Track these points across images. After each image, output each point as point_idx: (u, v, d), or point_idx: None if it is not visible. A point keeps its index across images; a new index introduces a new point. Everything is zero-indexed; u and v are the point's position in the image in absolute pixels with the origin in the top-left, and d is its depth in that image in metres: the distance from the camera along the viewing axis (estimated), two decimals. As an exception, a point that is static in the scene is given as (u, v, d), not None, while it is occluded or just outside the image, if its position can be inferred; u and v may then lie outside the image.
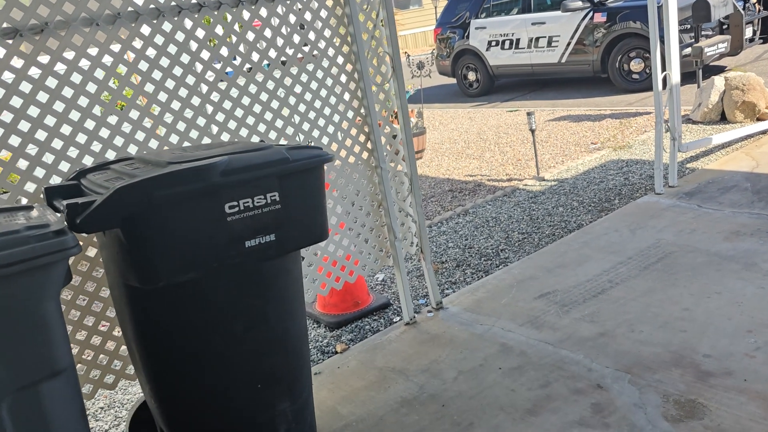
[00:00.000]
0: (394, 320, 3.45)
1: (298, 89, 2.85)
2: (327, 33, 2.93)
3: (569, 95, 9.74)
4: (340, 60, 2.98)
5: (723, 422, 2.19)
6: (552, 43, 9.81)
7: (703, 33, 8.00)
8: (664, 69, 4.47)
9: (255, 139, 2.74)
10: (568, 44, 9.59)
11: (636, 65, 8.91)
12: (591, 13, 9.18)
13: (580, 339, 2.89)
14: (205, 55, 2.58)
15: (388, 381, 2.81)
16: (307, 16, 2.86)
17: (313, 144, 2.91)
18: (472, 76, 11.34)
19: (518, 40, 10.26)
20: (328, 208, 3.01)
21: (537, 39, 10.01)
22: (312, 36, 2.90)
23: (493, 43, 10.68)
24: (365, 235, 3.19)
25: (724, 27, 8.24)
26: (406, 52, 9.26)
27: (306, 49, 2.89)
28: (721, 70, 9.24)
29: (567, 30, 9.54)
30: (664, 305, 3.05)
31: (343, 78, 3.00)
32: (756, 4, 8.85)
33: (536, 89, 10.79)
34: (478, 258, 4.08)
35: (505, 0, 10.59)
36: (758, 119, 6.02)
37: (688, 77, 8.42)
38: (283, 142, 2.83)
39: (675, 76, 4.46)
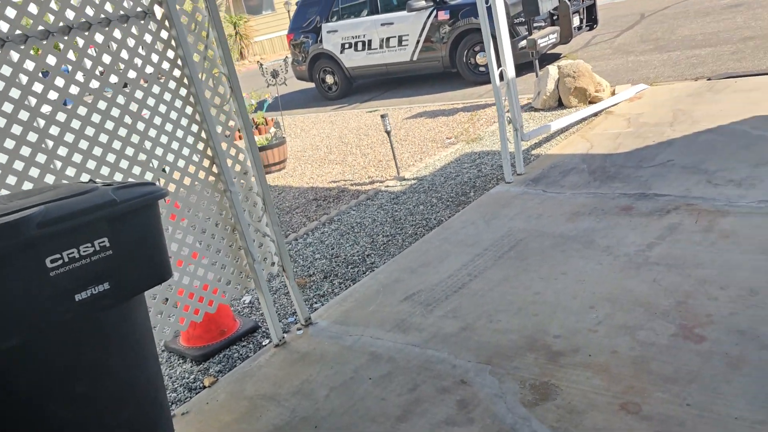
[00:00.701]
0: (264, 343, 3.37)
1: (128, 120, 2.69)
2: (154, 58, 2.79)
3: (425, 91, 10.06)
4: (172, 85, 2.85)
5: (573, 399, 2.36)
6: (402, 42, 10.08)
7: (535, 25, 8.56)
8: (500, 65, 4.73)
9: (91, 176, 2.55)
10: (418, 42, 9.89)
11: (481, 59, 9.37)
12: (435, 12, 9.53)
13: (444, 336, 2.98)
14: (38, 87, 2.38)
15: (259, 410, 2.74)
16: (130, 42, 2.71)
17: (155, 173, 2.76)
18: (329, 79, 11.39)
19: (370, 41, 10.44)
20: (178, 239, 2.88)
21: (388, 39, 10.23)
22: (138, 62, 2.74)
23: (347, 46, 10.78)
24: (222, 262, 3.09)
25: (554, 18, 8.87)
26: (259, 61, 9.10)
27: (133, 75, 2.73)
28: (556, 57, 9.96)
29: (415, 29, 9.84)
30: (518, 291, 3.22)
31: (178, 103, 2.87)
32: (580, -5, 9.60)
33: (393, 87, 11.04)
34: (345, 266, 4.10)
35: (353, 3, 10.72)
36: (590, 102, 6.55)
37: (528, 67, 9.01)
38: (119, 176, 2.66)
39: (510, 71, 4.73)
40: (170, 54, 2.83)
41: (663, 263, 3.14)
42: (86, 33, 2.54)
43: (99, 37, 2.59)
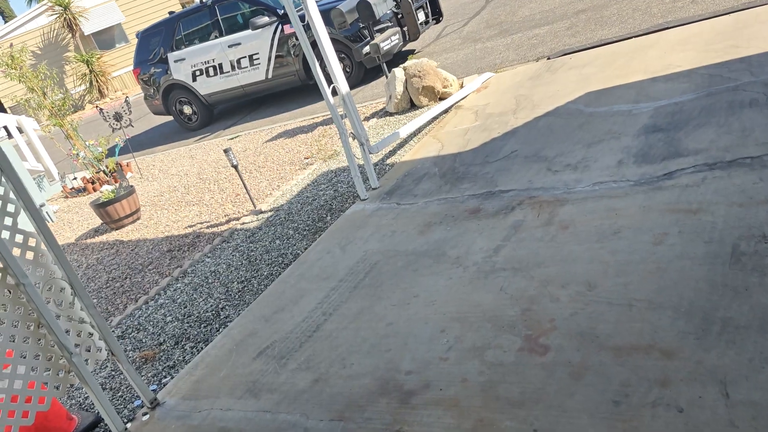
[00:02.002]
0: (106, 440, 3.01)
1: None
2: None
3: (287, 107, 9.80)
4: None
5: (422, 447, 2.20)
6: (254, 61, 9.75)
7: (381, 27, 8.51)
8: (330, 81, 4.55)
9: None
10: (269, 59, 9.60)
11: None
12: (280, 26, 9.27)
13: (296, 394, 2.75)
14: None
15: None
16: None
17: None
18: (187, 109, 10.86)
19: (221, 64, 10.02)
20: (-36, 354, 2.46)
21: (239, 60, 9.87)
22: None
23: (198, 73, 10.31)
24: (32, 365, 2.69)
25: (400, 17, 8.86)
26: (98, 107, 8.48)
27: None
28: (411, 53, 10.00)
29: (264, 46, 9.54)
30: (372, 325, 3.05)
31: (-67, 198, 2.45)
32: (420, -10, 9.65)
33: (255, 108, 10.69)
34: (198, 326, 3.77)
35: (195, 28, 10.25)
36: (440, 99, 6.54)
37: (379, 71, 8.95)
38: None
39: (342, 85, 4.56)
40: None
41: (509, 267, 3.07)
42: None
43: None
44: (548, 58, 6.76)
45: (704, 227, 2.76)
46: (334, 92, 4.54)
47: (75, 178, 8.97)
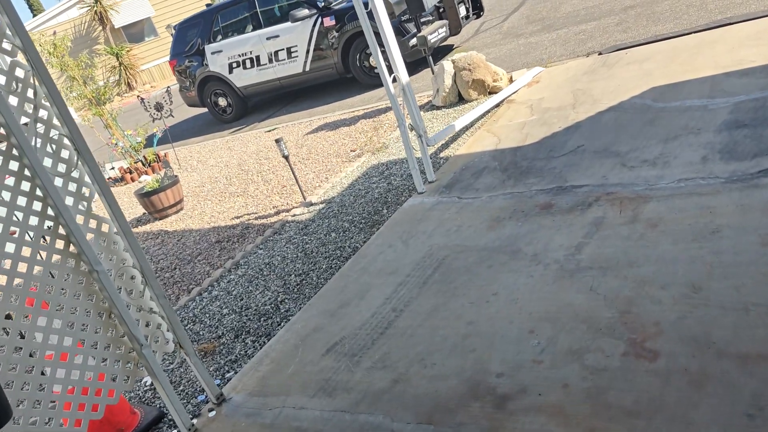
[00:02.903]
0: (172, 435, 2.89)
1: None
2: (-32, 129, 2.26)
3: (324, 100, 9.68)
4: (-3, 159, 2.32)
5: (530, 456, 2.04)
6: (292, 54, 9.64)
7: (423, 20, 8.35)
8: (392, 71, 4.41)
9: None
10: (308, 52, 9.48)
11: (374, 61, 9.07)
12: (320, 19, 9.15)
13: (375, 394, 2.61)
14: None
15: None
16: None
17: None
18: (222, 101, 10.79)
19: (258, 57, 9.93)
20: (37, 341, 2.36)
21: (276, 53, 9.77)
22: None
23: (235, 65, 10.23)
24: (102, 356, 2.58)
25: (441, 11, 8.69)
26: (139, 96, 8.42)
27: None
28: (450, 49, 9.83)
29: (302, 39, 9.43)
30: (450, 323, 2.90)
31: (10, 180, 2.34)
32: (462, -16, 9.48)
33: (291, 101, 10.59)
34: (257, 320, 3.65)
35: (234, 20, 10.17)
36: (490, 93, 6.37)
37: (423, 63, 8.80)
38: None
39: (403, 76, 4.42)
40: (-10, 121, 2.30)
41: (596, 266, 2.90)
42: None
43: None
44: (600, 54, 6.55)
45: (818, 228, 2.57)
46: (394, 80, 4.39)
47: (113, 168, 8.93)
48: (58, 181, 2.48)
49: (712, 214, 2.94)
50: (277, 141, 5.04)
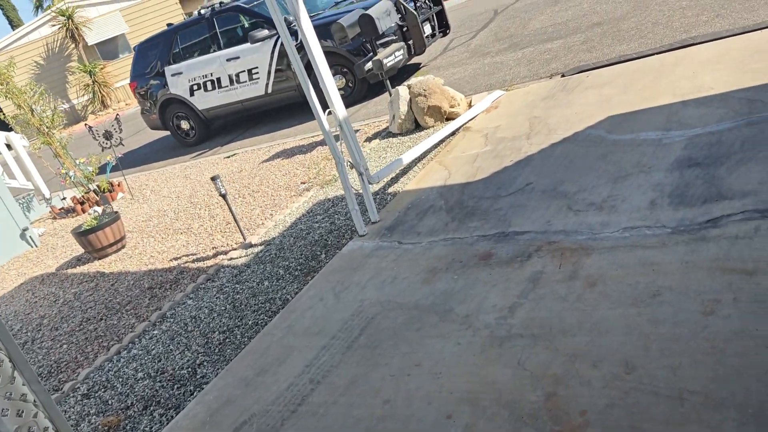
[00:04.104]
0: None
1: None
2: None
3: (287, 123, 9.39)
4: None
5: None
6: (253, 75, 9.35)
7: (385, 40, 8.09)
8: (326, 106, 4.12)
9: None
10: (269, 74, 9.20)
11: (338, 82, 8.80)
12: (279, 39, 8.86)
13: (274, 492, 2.30)
14: None
15: None
16: None
17: None
18: (185, 124, 10.48)
19: (219, 79, 9.64)
20: None
21: (238, 74, 9.48)
22: None
23: (196, 87, 9.93)
24: (-43, 457, 2.25)
25: (405, 30, 8.43)
26: (86, 124, 8.09)
27: None
28: (417, 68, 9.58)
29: (263, 60, 9.14)
30: (367, 400, 2.59)
31: None
32: (426, 1, 9.25)
33: (255, 124, 10.29)
34: (171, 387, 3.32)
35: (193, 41, 9.88)
36: (447, 119, 6.10)
37: (382, 87, 8.55)
38: None
39: (340, 111, 4.13)
40: None
41: (528, 333, 2.61)
42: None
43: None
44: (563, 75, 6.31)
45: (766, 295, 2.29)
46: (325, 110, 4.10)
47: (64, 198, 8.57)
48: None
49: (655, 273, 2.66)
50: (213, 179, 4.73)
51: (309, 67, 4.54)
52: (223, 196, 4.77)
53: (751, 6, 6.17)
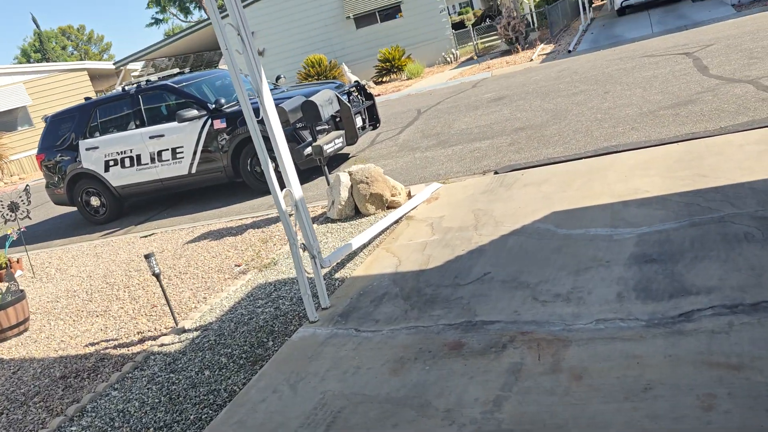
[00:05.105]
0: None
1: None
2: None
3: (210, 205, 9.04)
4: None
5: None
6: (177, 155, 9.04)
7: (319, 128, 8.14)
8: (283, 185, 3.97)
9: None
10: (195, 154, 8.93)
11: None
12: (210, 120, 8.70)
13: None
14: None
15: None
16: None
17: None
18: (95, 201, 9.85)
19: (139, 156, 9.23)
20: None
21: (160, 152, 9.13)
22: None
23: (112, 163, 9.44)
24: None
25: (338, 120, 8.56)
26: (-11, 194, 7.39)
27: None
28: (345, 158, 9.67)
29: (189, 140, 8.89)
30: (347, 508, 2.30)
31: None
32: (358, 96, 9.51)
33: (173, 204, 9.84)
34: (98, 495, 2.83)
35: (113, 116, 9.49)
36: (389, 207, 6.09)
37: (317, 171, 8.52)
38: None
39: (296, 190, 3.99)
40: None
41: (519, 429, 2.46)
42: None
43: None
44: (496, 173, 6.54)
45: (759, 390, 2.30)
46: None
47: (-49, 274, 7.61)
48: None
49: (640, 366, 2.63)
50: (146, 257, 4.36)
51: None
52: (157, 276, 4.38)
53: (661, 122, 6.79)
